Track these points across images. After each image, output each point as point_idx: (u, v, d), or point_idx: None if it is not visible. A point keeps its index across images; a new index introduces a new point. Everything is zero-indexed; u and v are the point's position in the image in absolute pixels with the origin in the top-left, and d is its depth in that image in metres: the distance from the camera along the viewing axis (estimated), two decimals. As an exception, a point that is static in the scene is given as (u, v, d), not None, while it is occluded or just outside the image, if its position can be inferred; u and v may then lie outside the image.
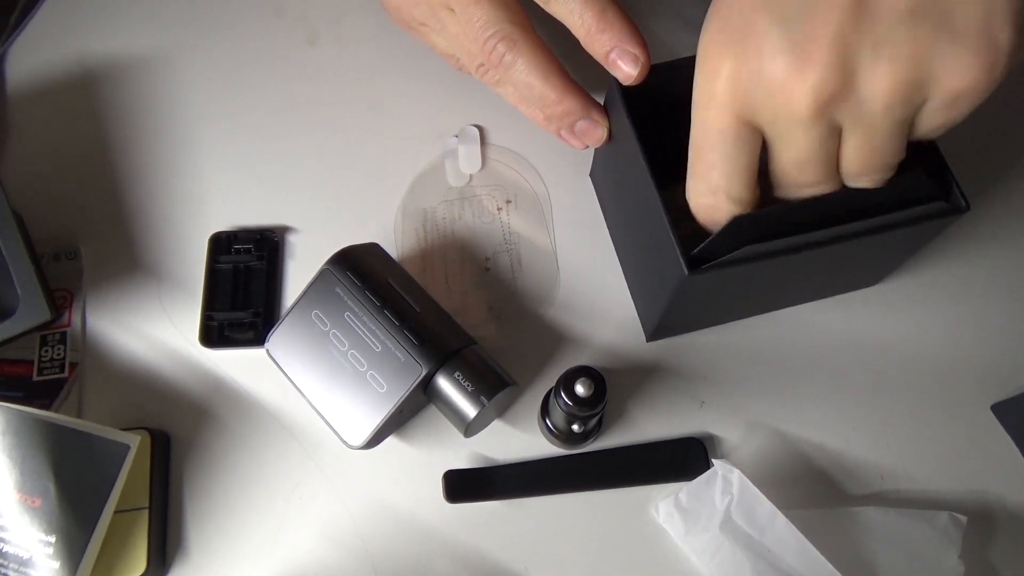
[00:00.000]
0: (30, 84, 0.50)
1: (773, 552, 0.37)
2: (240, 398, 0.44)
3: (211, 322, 0.44)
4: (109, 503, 0.37)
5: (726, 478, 0.39)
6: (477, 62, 0.41)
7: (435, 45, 0.45)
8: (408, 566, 0.41)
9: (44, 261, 0.45)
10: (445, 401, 0.39)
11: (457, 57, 0.44)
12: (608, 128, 0.40)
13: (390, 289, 0.40)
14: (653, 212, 0.35)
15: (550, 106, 0.40)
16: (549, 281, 0.46)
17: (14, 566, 0.36)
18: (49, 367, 0.43)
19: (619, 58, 0.36)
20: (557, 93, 0.40)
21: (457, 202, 0.48)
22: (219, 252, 0.46)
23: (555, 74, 0.39)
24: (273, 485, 0.42)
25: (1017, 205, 0.48)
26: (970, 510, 0.40)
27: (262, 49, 0.52)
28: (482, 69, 0.42)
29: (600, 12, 0.36)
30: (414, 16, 0.44)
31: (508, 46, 0.39)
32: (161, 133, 0.49)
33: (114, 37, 0.52)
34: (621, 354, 0.44)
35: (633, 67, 0.36)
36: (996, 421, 0.43)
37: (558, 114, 0.40)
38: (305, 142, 0.49)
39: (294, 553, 0.41)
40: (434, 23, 0.43)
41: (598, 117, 0.40)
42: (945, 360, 0.44)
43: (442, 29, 0.42)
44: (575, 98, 0.40)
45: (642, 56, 0.36)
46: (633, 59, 0.36)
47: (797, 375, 0.44)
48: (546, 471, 0.42)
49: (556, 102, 0.40)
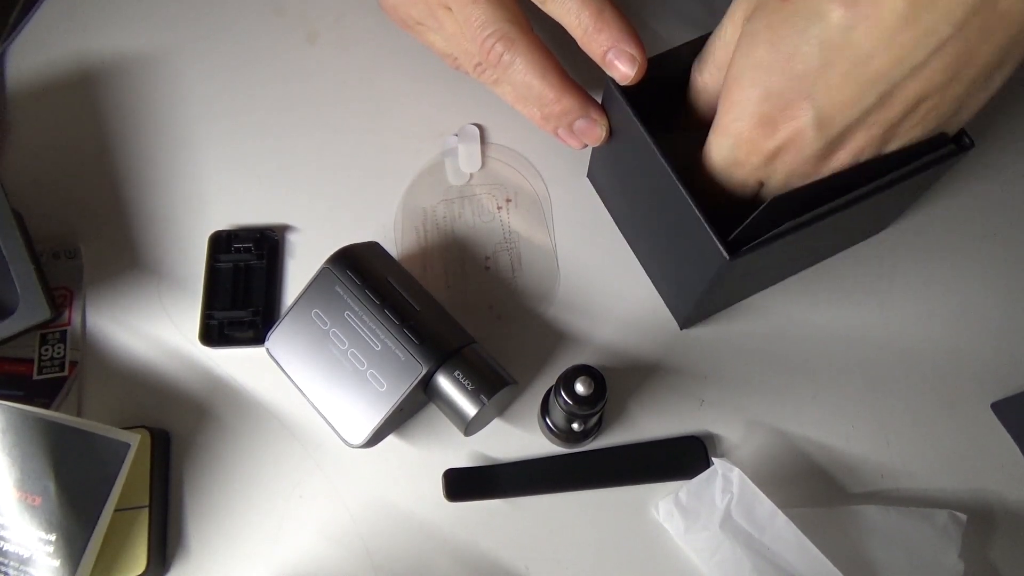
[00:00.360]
0: (30, 83, 0.50)
1: (773, 551, 0.37)
2: (240, 397, 0.44)
3: (211, 321, 0.44)
4: (109, 502, 0.37)
5: (726, 477, 0.39)
6: (475, 61, 0.41)
7: (432, 44, 0.45)
8: (408, 565, 0.41)
9: (44, 260, 0.45)
10: (445, 400, 0.39)
11: (454, 56, 0.44)
12: (608, 127, 0.40)
13: (390, 288, 0.40)
14: (678, 203, 0.35)
15: (548, 105, 0.40)
16: (549, 280, 0.46)
17: (14, 564, 0.36)
18: (49, 366, 0.43)
19: (616, 58, 0.36)
20: (555, 92, 0.39)
21: (457, 201, 0.48)
22: (219, 251, 0.46)
23: (553, 73, 0.39)
24: (273, 484, 0.42)
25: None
26: (970, 508, 0.40)
27: (262, 48, 0.52)
28: (480, 68, 0.41)
29: (597, 12, 0.36)
30: (411, 15, 0.44)
31: (506, 45, 0.39)
32: (161, 132, 0.49)
33: (114, 36, 0.52)
34: (621, 353, 0.44)
35: (630, 67, 0.36)
36: (996, 419, 0.43)
37: (556, 113, 0.40)
38: (305, 141, 0.49)
39: (294, 551, 0.41)
40: (431, 22, 0.43)
41: (597, 116, 0.40)
42: (945, 358, 0.44)
43: (439, 28, 0.42)
44: (573, 97, 0.40)
45: (639, 56, 0.36)
46: (630, 59, 0.36)
47: (797, 374, 0.44)
48: (546, 470, 0.42)
49: (554, 101, 0.40)
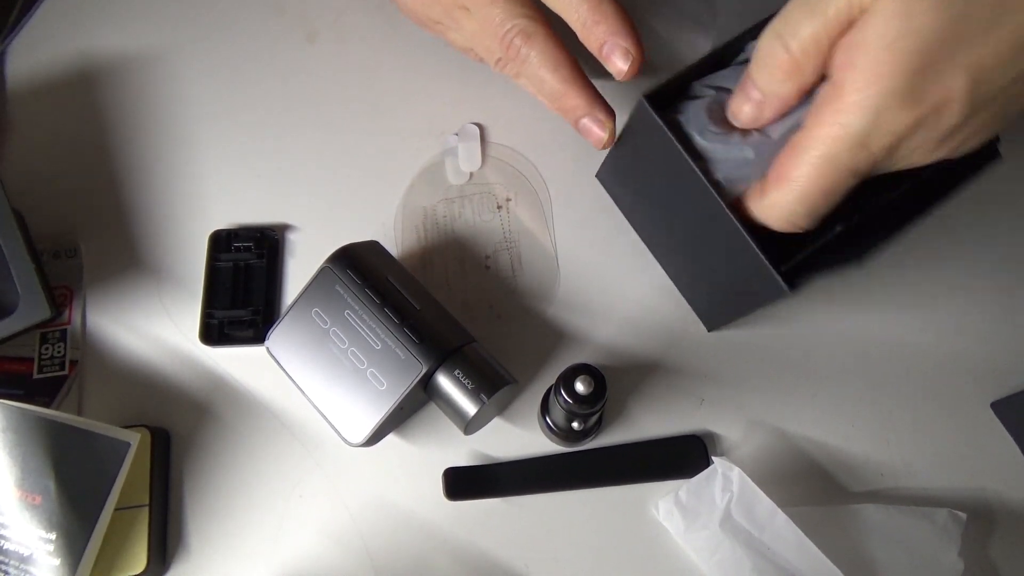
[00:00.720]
0: (30, 82, 0.50)
1: (773, 549, 0.37)
2: (240, 396, 0.44)
3: (211, 320, 0.44)
4: (109, 501, 0.37)
5: (726, 476, 0.39)
6: (496, 56, 0.42)
7: (453, 41, 0.46)
8: (408, 564, 0.41)
9: (44, 259, 0.45)
10: (445, 399, 0.39)
11: (475, 51, 0.44)
12: (612, 131, 0.40)
13: (390, 287, 0.40)
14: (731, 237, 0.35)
15: (557, 99, 0.41)
16: (549, 279, 0.46)
17: (15, 563, 0.36)
18: (49, 365, 0.43)
19: (611, 52, 0.36)
20: (563, 87, 0.40)
21: (457, 200, 0.48)
22: (219, 250, 0.46)
23: (564, 68, 0.40)
24: (273, 483, 0.42)
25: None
26: (970, 507, 0.40)
27: (262, 47, 0.52)
28: (501, 63, 0.42)
29: (595, 5, 0.37)
30: (429, 16, 0.44)
31: (523, 39, 0.39)
32: (161, 131, 0.49)
33: (114, 35, 0.52)
34: (621, 351, 0.44)
35: (624, 62, 0.36)
36: (996, 418, 0.43)
37: (564, 108, 0.41)
38: (305, 140, 0.49)
39: (294, 550, 0.41)
40: (449, 22, 0.43)
41: (603, 117, 0.40)
42: (945, 357, 0.44)
43: (458, 27, 0.43)
44: (580, 95, 0.40)
45: (634, 50, 0.36)
46: (624, 53, 0.36)
47: (797, 373, 0.44)
48: (546, 469, 0.42)
49: (562, 95, 0.40)
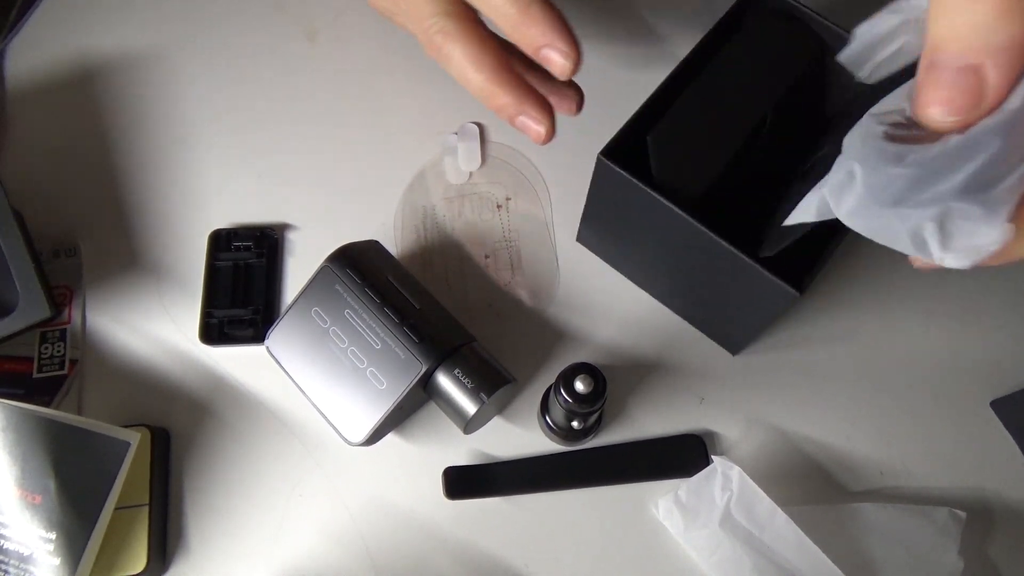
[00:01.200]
0: (30, 81, 0.50)
1: (773, 548, 0.37)
2: (240, 395, 0.44)
3: (211, 319, 0.44)
4: (109, 500, 0.37)
5: (726, 475, 0.39)
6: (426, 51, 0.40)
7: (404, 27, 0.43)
8: (408, 563, 0.41)
9: (44, 258, 0.45)
10: (445, 398, 0.39)
11: None
12: (550, 127, 0.38)
13: (390, 286, 0.40)
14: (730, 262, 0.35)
15: (486, 100, 0.38)
16: (549, 278, 0.46)
17: (15, 563, 0.36)
18: (49, 364, 0.43)
19: (547, 56, 0.35)
20: (489, 87, 0.38)
21: (457, 199, 0.48)
22: (219, 249, 0.46)
23: (488, 68, 0.37)
24: (273, 482, 0.42)
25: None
26: (969, 506, 0.40)
27: (261, 46, 0.52)
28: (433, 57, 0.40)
29: (524, 7, 0.34)
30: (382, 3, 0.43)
31: (443, 37, 0.37)
32: (161, 130, 0.49)
33: (113, 34, 0.52)
34: (621, 350, 0.44)
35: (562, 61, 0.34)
36: (996, 417, 0.43)
37: (495, 108, 0.38)
38: (305, 139, 0.49)
39: (294, 550, 0.41)
40: (394, 8, 0.41)
41: (536, 114, 0.38)
42: (945, 356, 0.44)
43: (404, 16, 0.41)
44: (509, 94, 0.37)
45: (570, 51, 0.34)
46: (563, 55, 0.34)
47: (796, 372, 0.44)
48: (546, 468, 0.42)
49: (490, 96, 0.38)
